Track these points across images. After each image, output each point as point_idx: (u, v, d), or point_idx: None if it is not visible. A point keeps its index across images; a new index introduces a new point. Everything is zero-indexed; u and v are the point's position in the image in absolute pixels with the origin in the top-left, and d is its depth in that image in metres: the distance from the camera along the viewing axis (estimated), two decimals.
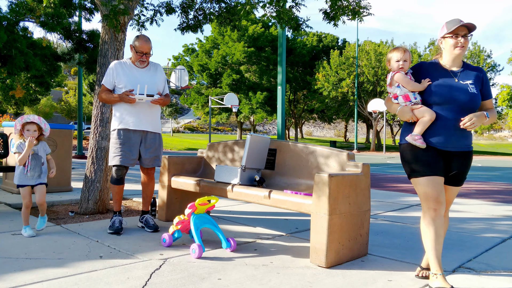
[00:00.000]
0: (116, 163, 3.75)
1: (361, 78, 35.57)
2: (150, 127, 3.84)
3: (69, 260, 2.87)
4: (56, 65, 15.47)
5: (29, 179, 3.50)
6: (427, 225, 2.55)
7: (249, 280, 2.59)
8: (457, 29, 2.53)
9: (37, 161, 3.52)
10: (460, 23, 2.52)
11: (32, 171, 3.49)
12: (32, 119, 3.52)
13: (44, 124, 3.58)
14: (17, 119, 3.37)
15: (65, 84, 60.40)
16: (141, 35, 3.83)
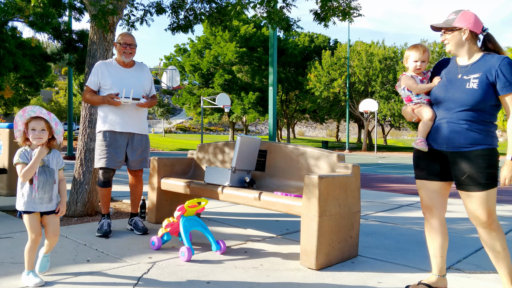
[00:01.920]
0: (102, 165, 3.69)
1: (353, 78, 35.72)
2: (136, 129, 3.78)
3: (56, 264, 2.82)
4: (46, 65, 15.31)
5: (37, 203, 2.43)
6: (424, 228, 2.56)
7: (238, 284, 2.56)
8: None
9: (48, 177, 2.45)
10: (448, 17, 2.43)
11: (41, 191, 2.42)
12: (38, 112, 2.43)
13: (55, 123, 2.50)
14: (17, 113, 2.41)
15: (55, 85, 59.91)
16: (123, 32, 3.84)
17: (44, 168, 2.46)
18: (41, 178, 2.44)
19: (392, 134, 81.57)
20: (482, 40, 2.42)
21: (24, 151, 2.44)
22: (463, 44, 2.40)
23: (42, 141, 2.43)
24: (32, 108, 2.45)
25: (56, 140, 2.52)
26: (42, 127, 2.43)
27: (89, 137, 4.51)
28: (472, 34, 2.38)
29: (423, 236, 4.00)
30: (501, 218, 4.99)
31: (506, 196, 7.27)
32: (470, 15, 2.39)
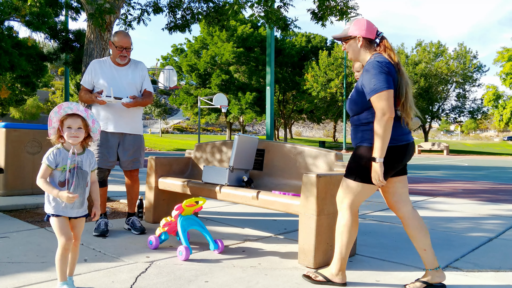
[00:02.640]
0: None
1: (350, 78, 35.77)
2: (128, 129, 3.73)
3: (53, 264, 2.79)
4: (42, 65, 15.27)
5: (67, 207, 2.23)
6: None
7: (236, 283, 2.56)
8: None
9: (80, 180, 2.24)
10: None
11: (79, 199, 2.23)
12: (75, 109, 2.23)
13: (92, 120, 2.30)
14: (53, 109, 2.21)
15: (52, 85, 59.73)
16: (119, 30, 3.77)
17: (77, 170, 2.24)
18: (73, 181, 2.22)
19: None
20: (378, 45, 2.52)
21: (56, 152, 2.20)
22: (359, 51, 2.53)
23: (78, 140, 2.24)
24: (69, 105, 2.23)
25: (92, 138, 2.33)
26: (79, 125, 2.23)
27: None
28: (366, 40, 2.50)
29: None
30: (498, 217, 5.01)
31: (503, 195, 7.30)
32: (362, 22, 2.50)
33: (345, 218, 2.52)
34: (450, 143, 65.07)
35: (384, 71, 2.34)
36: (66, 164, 2.21)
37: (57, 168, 2.20)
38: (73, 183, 2.21)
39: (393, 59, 2.43)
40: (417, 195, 6.97)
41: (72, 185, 2.21)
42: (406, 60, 35.89)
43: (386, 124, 2.30)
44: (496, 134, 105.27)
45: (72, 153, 2.22)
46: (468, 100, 41.58)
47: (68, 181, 2.20)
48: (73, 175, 2.22)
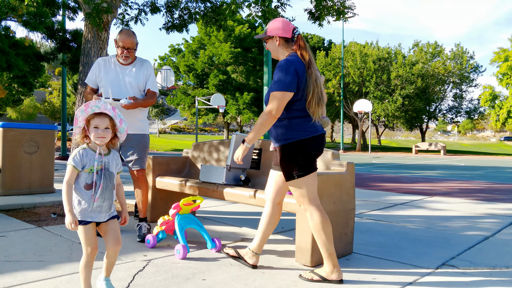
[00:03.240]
0: None
1: (347, 79, 35.83)
2: (131, 129, 3.60)
3: (50, 263, 2.81)
4: (39, 65, 15.24)
5: (95, 211, 2.10)
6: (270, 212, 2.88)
7: (234, 281, 2.57)
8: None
9: (108, 182, 2.12)
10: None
11: (101, 198, 2.09)
12: (102, 108, 2.11)
13: (120, 120, 2.18)
14: (79, 108, 2.10)
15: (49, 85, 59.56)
16: (124, 29, 3.68)
17: (104, 171, 2.10)
18: (101, 183, 2.09)
19: (386, 134, 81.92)
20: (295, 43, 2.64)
21: (82, 152, 2.08)
22: (277, 50, 2.68)
23: (105, 141, 2.11)
24: (96, 103, 2.09)
25: (118, 139, 2.19)
26: (106, 125, 2.10)
27: None
28: (283, 39, 2.64)
29: (417, 233, 4.03)
30: (494, 216, 5.03)
31: (499, 194, 7.34)
32: (278, 22, 2.65)
33: (313, 216, 2.61)
34: (447, 143, 65.28)
35: (290, 71, 2.48)
36: (93, 166, 2.08)
37: (83, 170, 2.07)
38: (101, 185, 2.08)
39: (305, 58, 2.56)
40: (414, 195, 7.00)
41: (100, 187, 2.08)
42: (403, 60, 35.96)
43: (267, 120, 2.52)
44: (493, 135, 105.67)
45: (99, 154, 2.10)
46: (465, 100, 41.72)
47: (95, 183, 2.07)
48: (100, 177, 2.09)
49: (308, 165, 2.59)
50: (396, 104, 34.20)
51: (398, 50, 37.74)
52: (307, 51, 2.58)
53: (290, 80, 2.48)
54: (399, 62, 35.62)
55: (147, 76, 3.72)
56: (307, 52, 2.58)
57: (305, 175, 2.58)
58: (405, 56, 37.33)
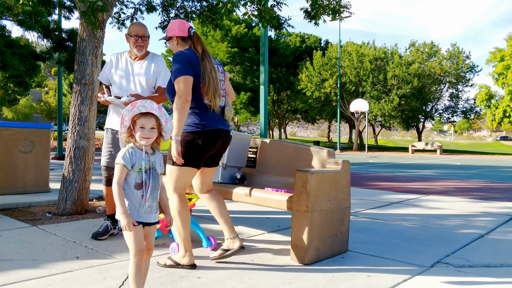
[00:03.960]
0: (103, 163, 3.63)
1: (344, 78, 35.88)
2: None
3: (45, 261, 2.80)
4: (35, 65, 15.18)
5: (146, 211, 2.04)
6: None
7: (229, 278, 2.56)
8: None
9: (155, 182, 2.07)
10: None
11: (151, 197, 2.04)
12: (149, 108, 2.06)
13: (165, 119, 2.13)
14: (125, 108, 2.07)
15: (45, 85, 59.34)
16: (135, 21, 3.68)
17: (152, 171, 2.05)
18: (150, 183, 2.03)
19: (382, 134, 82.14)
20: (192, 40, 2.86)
21: (131, 151, 2.02)
22: (177, 48, 2.88)
23: (151, 141, 2.06)
24: (143, 103, 2.05)
25: (163, 138, 2.13)
26: (152, 125, 2.05)
27: (79, 135, 4.48)
28: (180, 38, 2.87)
29: (412, 232, 4.04)
30: (490, 215, 5.05)
31: (495, 193, 7.36)
32: (175, 23, 2.88)
33: (174, 203, 2.77)
34: (444, 143, 65.47)
35: (183, 60, 2.68)
36: (142, 165, 2.02)
37: (133, 169, 2.00)
38: (150, 185, 2.02)
39: (198, 51, 2.78)
40: (410, 193, 7.02)
41: (149, 187, 2.02)
42: (400, 60, 36.04)
43: (181, 106, 2.62)
44: (489, 134, 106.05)
45: (145, 153, 2.05)
46: (461, 100, 41.85)
47: (145, 182, 2.01)
48: (149, 176, 2.03)
49: (188, 159, 2.72)
50: (392, 104, 34.27)
51: (395, 50, 37.81)
52: (200, 45, 2.81)
53: (185, 66, 2.67)
54: (395, 62, 35.68)
55: (157, 72, 3.60)
56: (200, 46, 2.80)
57: (178, 165, 2.74)
58: (401, 56, 37.40)
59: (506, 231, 4.08)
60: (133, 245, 1.99)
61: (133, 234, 1.97)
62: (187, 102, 2.64)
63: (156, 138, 2.08)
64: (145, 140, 2.03)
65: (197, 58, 2.74)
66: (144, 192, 2.01)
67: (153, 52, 3.71)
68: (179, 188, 2.79)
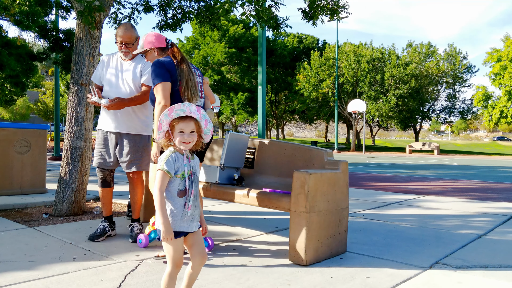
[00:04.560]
0: (94, 164, 3.59)
1: (341, 79, 35.91)
2: (125, 129, 3.50)
3: (41, 263, 2.78)
4: (32, 65, 15.12)
5: (188, 220, 1.94)
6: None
7: (227, 280, 2.55)
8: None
9: (197, 187, 1.99)
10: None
11: (193, 205, 1.95)
12: (187, 111, 1.97)
13: (205, 121, 2.03)
14: (163, 112, 2.02)
15: (42, 85, 59.15)
16: (124, 22, 3.62)
17: (193, 177, 1.96)
18: (192, 189, 1.93)
19: (380, 134, 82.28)
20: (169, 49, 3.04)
21: (174, 156, 1.92)
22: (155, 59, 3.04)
23: (190, 146, 1.97)
24: (181, 107, 1.95)
25: (203, 139, 2.03)
26: (192, 128, 1.96)
27: (76, 135, 4.45)
28: (159, 49, 3.06)
29: (410, 232, 4.04)
30: (487, 215, 5.05)
31: (492, 193, 7.37)
32: (151, 37, 3.06)
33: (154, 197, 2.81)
34: (441, 143, 65.63)
35: (159, 67, 2.86)
36: (184, 171, 1.94)
37: (176, 175, 1.92)
38: (192, 192, 1.93)
39: (176, 58, 2.96)
40: (407, 194, 7.02)
41: (192, 194, 1.93)
42: (397, 60, 36.10)
43: (161, 111, 2.79)
44: (486, 134, 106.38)
45: (186, 157, 1.97)
46: (458, 100, 41.95)
47: (188, 190, 1.92)
48: (191, 183, 1.94)
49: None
50: (390, 104, 34.32)
51: (392, 51, 37.88)
52: (178, 53, 3.00)
53: (162, 73, 2.86)
54: (393, 63, 35.75)
55: (143, 71, 3.53)
56: (178, 53, 3.00)
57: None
58: (399, 57, 37.46)
59: (504, 232, 4.09)
60: (171, 256, 1.90)
61: (173, 246, 1.88)
62: (166, 107, 2.78)
63: (196, 141, 1.99)
64: (184, 145, 1.94)
65: (173, 65, 2.92)
66: (186, 200, 1.91)
67: None
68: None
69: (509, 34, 32.81)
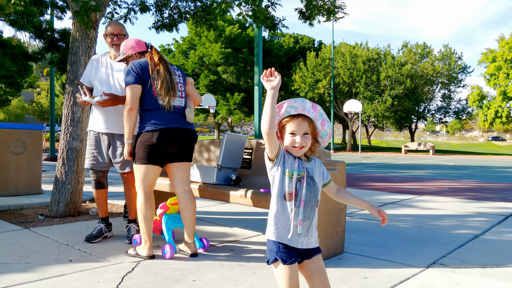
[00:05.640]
0: (86, 166, 3.53)
1: (337, 79, 35.97)
2: (117, 129, 3.45)
3: (37, 265, 2.75)
4: (27, 65, 15.04)
5: (299, 239, 1.63)
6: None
7: (224, 281, 2.54)
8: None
9: (312, 195, 1.66)
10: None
11: (305, 214, 1.63)
12: (300, 109, 1.66)
13: (322, 121, 1.70)
14: (278, 104, 1.66)
15: (37, 85, 58.85)
16: (111, 21, 3.63)
17: (307, 180, 1.64)
18: (302, 194, 1.61)
19: (375, 134, 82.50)
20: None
21: (284, 152, 1.67)
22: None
23: (304, 151, 1.66)
24: (292, 103, 1.64)
25: (319, 144, 1.72)
26: (305, 130, 1.64)
27: (71, 136, 4.43)
28: (140, 53, 3.16)
29: (407, 232, 4.04)
30: (484, 215, 5.07)
31: (488, 193, 7.40)
32: (131, 42, 3.17)
33: (139, 198, 2.98)
34: (436, 143, 65.89)
35: (130, 70, 2.95)
36: (294, 170, 1.64)
37: (285, 173, 1.63)
38: (303, 200, 1.61)
39: (154, 59, 3.05)
40: (403, 194, 7.03)
41: (302, 200, 1.61)
42: (393, 61, 36.21)
43: (127, 112, 2.93)
44: (480, 135, 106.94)
45: (299, 159, 1.67)
46: (453, 100, 42.12)
47: (296, 193, 1.61)
48: (301, 186, 1.62)
49: (145, 156, 2.94)
50: (385, 105, 34.41)
51: (388, 51, 37.99)
52: (157, 54, 3.10)
53: (132, 76, 2.93)
54: (388, 63, 35.85)
55: None
56: (157, 54, 3.09)
57: (140, 163, 2.97)
58: (394, 57, 37.58)
59: (500, 232, 4.10)
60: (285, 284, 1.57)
61: (287, 275, 1.56)
62: (132, 110, 2.93)
63: (309, 145, 1.67)
64: (296, 150, 1.63)
65: (147, 65, 3.00)
66: (294, 207, 1.60)
67: None
68: (145, 186, 2.98)
69: (503, 34, 33.02)
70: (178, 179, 3.10)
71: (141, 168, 2.98)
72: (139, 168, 2.99)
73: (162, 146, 2.95)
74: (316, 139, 1.71)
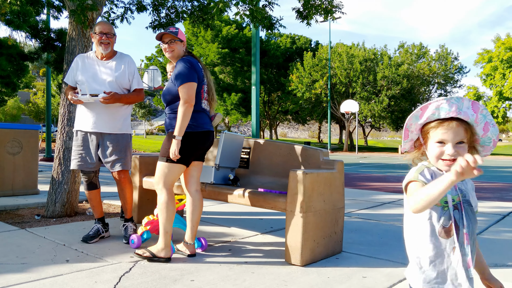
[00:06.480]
0: (73, 167, 3.46)
1: (334, 79, 36.01)
2: (107, 128, 3.40)
3: (33, 265, 2.73)
4: (23, 65, 14.99)
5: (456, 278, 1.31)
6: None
7: (223, 281, 2.52)
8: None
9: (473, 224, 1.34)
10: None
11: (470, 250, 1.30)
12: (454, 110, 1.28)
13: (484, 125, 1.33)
14: (412, 114, 1.33)
15: (33, 86, 58.63)
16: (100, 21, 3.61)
17: (464, 206, 1.30)
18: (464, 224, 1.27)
19: (372, 135, 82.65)
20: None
21: (431, 171, 1.31)
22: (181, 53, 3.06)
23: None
24: (444, 104, 1.27)
25: (478, 153, 1.35)
26: (460, 138, 1.27)
27: (68, 135, 4.40)
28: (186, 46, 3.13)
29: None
30: (481, 214, 5.08)
31: (485, 193, 7.42)
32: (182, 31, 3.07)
33: (162, 197, 2.91)
34: None
35: (189, 67, 2.89)
36: (447, 196, 1.28)
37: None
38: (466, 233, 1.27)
39: (200, 61, 3.03)
40: (401, 193, 7.04)
41: (465, 233, 1.26)
42: (389, 61, 36.28)
43: (187, 110, 2.83)
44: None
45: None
46: None
47: (456, 224, 1.27)
48: (461, 215, 1.27)
49: (181, 156, 2.88)
50: (382, 105, 34.48)
51: (384, 51, 38.06)
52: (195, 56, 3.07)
53: (191, 73, 2.89)
54: (385, 63, 35.92)
55: (131, 74, 3.52)
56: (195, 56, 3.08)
57: (173, 162, 2.90)
58: (391, 57, 37.66)
59: (498, 231, 4.10)
60: None
61: None
62: (191, 107, 2.85)
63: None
64: (446, 165, 1.27)
65: (200, 66, 3.00)
66: (457, 244, 1.25)
67: (120, 52, 3.60)
68: (168, 184, 2.93)
69: (499, 35, 33.15)
70: (194, 178, 3.12)
71: (172, 166, 2.92)
72: (168, 167, 2.93)
73: (199, 147, 3.00)
74: (474, 147, 1.33)
